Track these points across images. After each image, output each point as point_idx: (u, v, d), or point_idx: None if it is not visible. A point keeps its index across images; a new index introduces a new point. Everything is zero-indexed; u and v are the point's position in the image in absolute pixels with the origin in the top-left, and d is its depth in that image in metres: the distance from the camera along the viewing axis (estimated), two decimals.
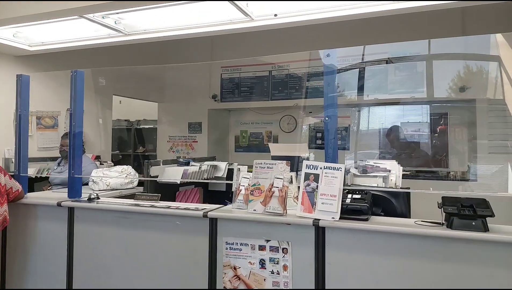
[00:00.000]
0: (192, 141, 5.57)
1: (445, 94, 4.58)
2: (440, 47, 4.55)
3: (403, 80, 4.77)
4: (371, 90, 4.86)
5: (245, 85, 5.34)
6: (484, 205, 1.71)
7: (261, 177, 2.09)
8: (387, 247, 1.75)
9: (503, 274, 1.58)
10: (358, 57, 4.87)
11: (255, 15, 2.89)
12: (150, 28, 3.31)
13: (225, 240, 2.01)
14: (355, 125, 5.24)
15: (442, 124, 4.77)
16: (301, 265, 1.88)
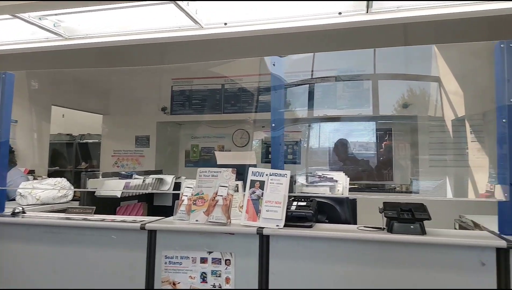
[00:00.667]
0: (139, 155, 5.32)
1: (390, 110, 4.80)
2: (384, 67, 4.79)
3: (351, 96, 4.95)
4: (321, 106, 4.98)
5: (197, 98, 5.24)
6: (422, 209, 1.75)
7: (205, 185, 2.01)
8: (331, 253, 1.72)
9: (439, 275, 1.61)
10: (307, 73, 4.99)
11: (204, 23, 2.86)
12: (92, 33, 3.15)
13: (164, 253, 1.88)
14: (306, 141, 5.32)
15: (387, 139, 4.98)
16: (244, 276, 1.80)
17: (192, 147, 5.64)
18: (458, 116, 3.93)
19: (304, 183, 3.03)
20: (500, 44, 1.65)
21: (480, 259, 1.56)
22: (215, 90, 5.22)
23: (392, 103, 4.78)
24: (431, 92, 4.48)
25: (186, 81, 5.29)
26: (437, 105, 4.41)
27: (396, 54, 4.63)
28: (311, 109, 4.95)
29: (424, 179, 4.48)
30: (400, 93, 4.72)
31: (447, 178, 4.21)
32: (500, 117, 1.66)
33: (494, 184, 3.82)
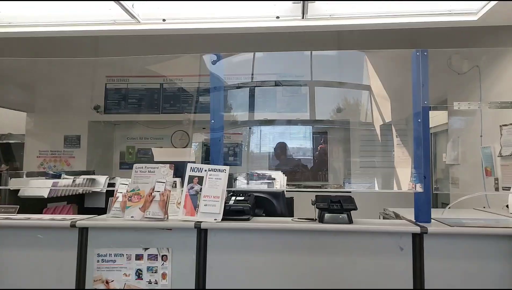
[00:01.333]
0: (68, 156, 4.97)
1: (325, 115, 5.06)
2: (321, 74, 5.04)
3: (290, 100, 5.13)
4: (261, 109, 5.09)
5: (133, 97, 5.05)
6: (349, 201, 1.89)
7: (141, 181, 1.96)
8: (267, 244, 1.78)
9: (364, 260, 1.74)
10: (248, 76, 5.08)
11: (141, 18, 2.79)
12: (18, 21, 2.92)
13: (96, 252, 1.79)
14: (247, 143, 5.40)
15: (322, 142, 5.24)
16: (182, 271, 1.78)
17: (128, 148, 5.41)
18: (386, 121, 4.27)
19: (243, 181, 3.09)
20: (416, 52, 1.85)
21: (399, 245, 1.72)
22: (153, 89, 5.07)
23: (328, 108, 5.06)
24: (363, 99, 4.81)
25: (121, 79, 5.07)
26: (368, 111, 4.75)
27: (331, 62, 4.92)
28: (251, 111, 5.03)
29: (355, 179, 4.79)
30: (335, 99, 5.00)
31: (375, 179, 4.54)
32: (416, 118, 1.85)
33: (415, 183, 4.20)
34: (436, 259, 1.68)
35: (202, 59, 4.69)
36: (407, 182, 4.12)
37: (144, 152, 5.42)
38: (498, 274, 1.65)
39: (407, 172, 4.05)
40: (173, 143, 5.33)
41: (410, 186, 4.21)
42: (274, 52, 4.38)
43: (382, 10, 2.61)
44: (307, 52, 5.05)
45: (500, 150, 2.84)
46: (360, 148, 4.80)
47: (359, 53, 4.56)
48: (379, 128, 4.51)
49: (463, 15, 2.55)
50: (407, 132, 4.19)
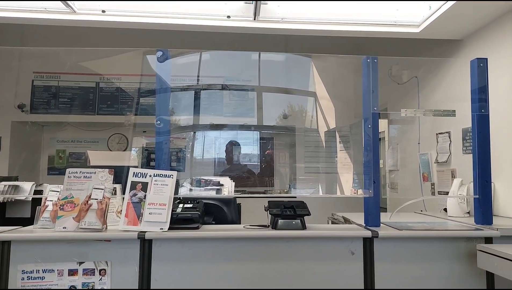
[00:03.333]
0: None
1: (272, 121, 5.08)
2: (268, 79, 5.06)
3: (237, 105, 5.07)
4: (207, 113, 4.96)
5: (65, 96, 4.62)
6: (302, 206, 1.86)
7: (75, 188, 1.75)
8: (218, 252, 1.68)
9: (317, 265, 1.72)
10: (193, 78, 4.93)
11: (77, 7, 2.55)
12: None
13: (20, 268, 1.55)
14: (190, 148, 5.22)
15: (269, 148, 5.24)
16: (123, 286, 1.62)
17: (58, 152, 4.93)
18: (330, 128, 4.39)
19: (190, 187, 2.94)
20: (367, 59, 1.89)
21: (350, 249, 1.72)
22: (88, 88, 4.69)
23: (274, 114, 5.08)
24: (308, 106, 4.91)
25: (51, 76, 4.63)
26: (313, 118, 4.85)
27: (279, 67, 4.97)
28: (196, 115, 4.88)
29: (300, 184, 4.86)
30: (281, 104, 5.05)
31: (319, 184, 4.64)
32: (366, 123, 1.88)
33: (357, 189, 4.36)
34: (386, 262, 1.71)
35: (145, 58, 4.46)
36: (349, 187, 4.28)
37: (77, 156, 4.98)
38: (445, 274, 1.72)
39: (349, 178, 4.20)
40: (110, 147, 4.96)
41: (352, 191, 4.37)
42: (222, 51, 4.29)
43: (331, 17, 2.66)
44: (255, 56, 5.05)
45: (436, 156, 3.03)
46: (305, 154, 4.88)
47: (306, 58, 4.66)
48: (324, 134, 4.63)
49: (406, 27, 2.69)
50: (349, 139, 4.35)
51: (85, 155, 4.97)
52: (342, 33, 2.80)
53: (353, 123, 4.16)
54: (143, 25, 2.71)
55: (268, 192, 5.03)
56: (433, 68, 3.13)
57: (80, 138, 4.97)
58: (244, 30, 2.83)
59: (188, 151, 5.14)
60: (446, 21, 2.55)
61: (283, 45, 4.65)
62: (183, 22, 2.70)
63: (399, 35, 2.76)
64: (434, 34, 2.78)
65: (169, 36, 3.18)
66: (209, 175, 4.96)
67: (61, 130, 4.89)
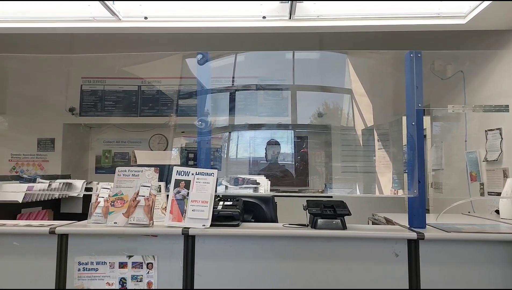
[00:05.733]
0: (42, 160, 4.74)
1: (307, 120, 5.05)
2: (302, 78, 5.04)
3: (271, 104, 5.09)
4: (242, 113, 5.02)
5: (110, 99, 4.88)
6: (342, 206, 1.85)
7: (124, 186, 1.86)
8: (258, 251, 1.72)
9: (358, 266, 1.71)
10: (228, 79, 5.01)
11: (122, 16, 2.69)
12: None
13: (77, 260, 1.68)
14: (226, 147, 5.31)
15: (304, 147, 5.22)
16: (168, 280, 1.69)
17: (104, 152, 5.22)
18: (368, 126, 4.30)
19: (228, 185, 3.02)
20: (410, 54, 1.84)
21: (394, 251, 1.69)
22: (131, 91, 4.92)
23: (309, 112, 5.06)
24: (344, 103, 4.84)
25: (98, 80, 4.91)
26: (349, 115, 4.77)
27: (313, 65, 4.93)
28: (232, 115, 4.96)
29: (336, 184, 4.80)
30: (316, 103, 5.01)
31: (357, 184, 4.56)
32: (409, 121, 1.84)
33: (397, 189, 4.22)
34: (432, 265, 1.66)
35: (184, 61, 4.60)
36: (389, 187, 4.17)
37: (121, 156, 5.24)
38: (495, 279, 1.65)
39: (389, 177, 4.10)
40: (151, 147, 5.18)
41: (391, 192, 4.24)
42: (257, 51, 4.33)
43: (368, 12, 2.61)
44: (289, 56, 5.05)
45: (485, 155, 2.89)
46: (341, 153, 4.81)
47: (341, 55, 4.59)
48: (361, 132, 4.54)
49: (451, 19, 2.58)
50: (388, 137, 4.24)
51: (128, 154, 5.21)
52: (380, 28, 2.73)
53: (393, 121, 4.05)
54: (182, 29, 2.81)
55: (302, 192, 5.01)
56: (480, 62, 2.98)
57: (124, 139, 5.23)
58: (279, 30, 2.86)
59: (224, 150, 5.24)
60: (496, 10, 2.41)
61: (318, 43, 4.61)
62: (220, 24, 2.77)
63: (444, 27, 2.64)
64: (482, 25, 2.64)
65: (207, 39, 3.27)
66: (244, 174, 5.04)
67: (107, 131, 5.17)
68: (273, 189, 3.19)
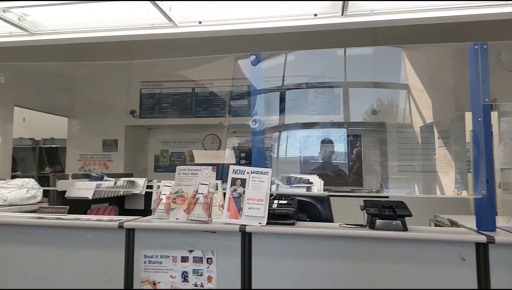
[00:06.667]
0: (106, 160, 5.12)
1: (360, 117, 4.91)
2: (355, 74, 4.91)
3: (322, 103, 5.03)
4: (292, 112, 5.01)
5: (167, 101, 5.14)
6: (402, 206, 1.79)
7: (184, 184, 1.95)
8: (314, 250, 1.72)
9: (421, 270, 1.64)
10: (279, 78, 5.02)
11: (178, 21, 2.81)
12: (60, 28, 3.02)
13: (143, 253, 1.79)
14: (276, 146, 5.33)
15: (357, 145, 5.09)
16: (227, 275, 1.75)
17: (162, 152, 5.50)
18: (427, 123, 4.09)
19: (280, 184, 3.04)
20: (474, 45, 1.73)
21: (460, 254, 1.60)
22: (186, 93, 5.14)
23: (362, 109, 4.91)
24: (400, 99, 4.64)
25: (155, 84, 5.18)
26: (406, 112, 4.57)
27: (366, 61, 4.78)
28: (282, 115, 4.97)
29: (392, 184, 4.62)
30: (369, 100, 4.86)
31: (415, 184, 4.35)
32: (475, 117, 1.73)
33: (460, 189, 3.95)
34: (504, 270, 1.55)
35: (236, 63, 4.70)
36: (451, 187, 3.92)
37: (178, 155, 5.49)
38: None
39: (451, 177, 3.86)
40: (205, 147, 5.37)
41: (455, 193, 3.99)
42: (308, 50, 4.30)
43: (425, 4, 2.49)
44: (340, 53, 4.94)
45: None
46: (397, 151, 4.62)
47: (396, 49, 4.40)
48: (419, 130, 4.33)
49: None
50: (449, 134, 3.99)
51: (184, 154, 5.45)
52: (439, 19, 2.58)
53: (454, 117, 3.82)
54: (234, 32, 2.87)
55: (356, 192, 4.88)
56: None
57: (180, 139, 5.47)
58: (331, 27, 2.81)
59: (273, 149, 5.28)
60: None
61: (370, 39, 4.46)
62: (272, 25, 2.79)
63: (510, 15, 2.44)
64: None
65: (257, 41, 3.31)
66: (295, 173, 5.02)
67: (164, 132, 5.45)
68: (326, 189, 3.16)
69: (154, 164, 5.46)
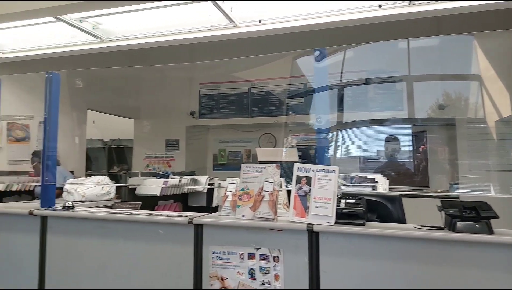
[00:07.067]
0: (169, 159, 5.36)
1: (425, 112, 4.62)
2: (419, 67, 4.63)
3: (384, 98, 4.81)
4: (351, 109, 4.86)
5: (224, 102, 5.25)
6: (486, 207, 1.64)
7: (249, 181, 1.95)
8: (387, 252, 1.63)
9: (506, 276, 1.49)
10: (337, 75, 4.89)
11: (239, 22, 2.84)
12: (128, 34, 3.21)
13: (211, 249, 1.83)
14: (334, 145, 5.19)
15: (423, 143, 4.80)
16: (294, 274, 1.73)
17: (220, 151, 5.63)
18: (503, 116, 3.74)
19: (344, 183, 2.95)
20: None
21: None
22: (242, 94, 5.21)
23: (427, 104, 4.62)
24: (471, 92, 4.29)
25: (213, 86, 5.31)
26: (477, 105, 4.21)
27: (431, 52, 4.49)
28: (340, 112, 4.83)
29: (463, 183, 4.28)
30: (435, 94, 4.55)
31: (491, 184, 4.00)
32: None
33: None
34: None
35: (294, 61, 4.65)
36: None
37: (235, 154, 5.58)
38: None
39: None
40: (261, 146, 5.40)
41: None
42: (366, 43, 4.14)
43: None
44: (403, 45, 4.69)
45: None
46: (468, 148, 4.27)
47: (466, 38, 4.08)
48: (494, 124, 3.96)
49: None
50: None
51: (241, 153, 5.53)
52: None
53: None
54: (295, 28, 2.84)
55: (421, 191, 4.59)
56: None
57: (237, 138, 5.57)
58: (395, 18, 2.68)
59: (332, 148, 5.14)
60: None
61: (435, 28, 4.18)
62: (333, 19, 2.72)
63: None
64: None
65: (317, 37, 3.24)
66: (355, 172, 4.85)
67: (222, 132, 5.58)
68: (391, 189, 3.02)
69: (212, 163, 5.60)
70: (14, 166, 3.86)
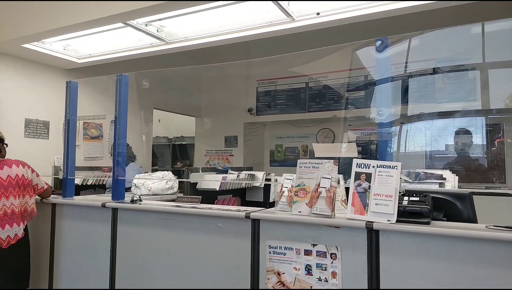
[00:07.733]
0: (228, 154, 5.51)
1: (502, 102, 4.21)
2: (495, 53, 4.21)
3: (453, 89, 4.46)
4: (417, 101, 4.57)
5: (281, 98, 5.24)
6: None
7: (306, 177, 1.94)
8: (455, 253, 1.51)
9: None
10: (401, 65, 4.63)
11: (296, 15, 2.82)
12: (190, 35, 3.33)
13: (268, 243, 1.85)
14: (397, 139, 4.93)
15: (499, 136, 4.39)
16: (352, 272, 1.68)
17: (277, 147, 5.65)
18: None
19: (408, 180, 2.80)
20: None
21: None
22: (299, 88, 5.15)
23: (505, 93, 4.19)
24: None
25: (270, 82, 5.33)
26: None
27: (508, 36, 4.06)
28: (404, 104, 4.57)
29: None
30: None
31: None
32: None
33: None
34: None
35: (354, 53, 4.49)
36: None
37: (292, 150, 5.56)
38: None
39: None
40: (318, 141, 5.31)
41: None
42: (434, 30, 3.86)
43: None
44: (476, 30, 4.30)
45: None
46: None
47: None
48: None
49: None
50: None
51: (298, 148, 5.50)
52: None
53: None
54: (355, 18, 2.74)
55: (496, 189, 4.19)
56: None
57: (294, 134, 5.54)
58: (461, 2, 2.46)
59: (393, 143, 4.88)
60: None
61: None
62: (396, 6, 2.58)
63: None
64: None
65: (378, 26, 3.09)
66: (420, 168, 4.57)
67: (279, 128, 5.59)
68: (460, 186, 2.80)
69: (269, 159, 5.64)
70: (89, 162, 4.23)
